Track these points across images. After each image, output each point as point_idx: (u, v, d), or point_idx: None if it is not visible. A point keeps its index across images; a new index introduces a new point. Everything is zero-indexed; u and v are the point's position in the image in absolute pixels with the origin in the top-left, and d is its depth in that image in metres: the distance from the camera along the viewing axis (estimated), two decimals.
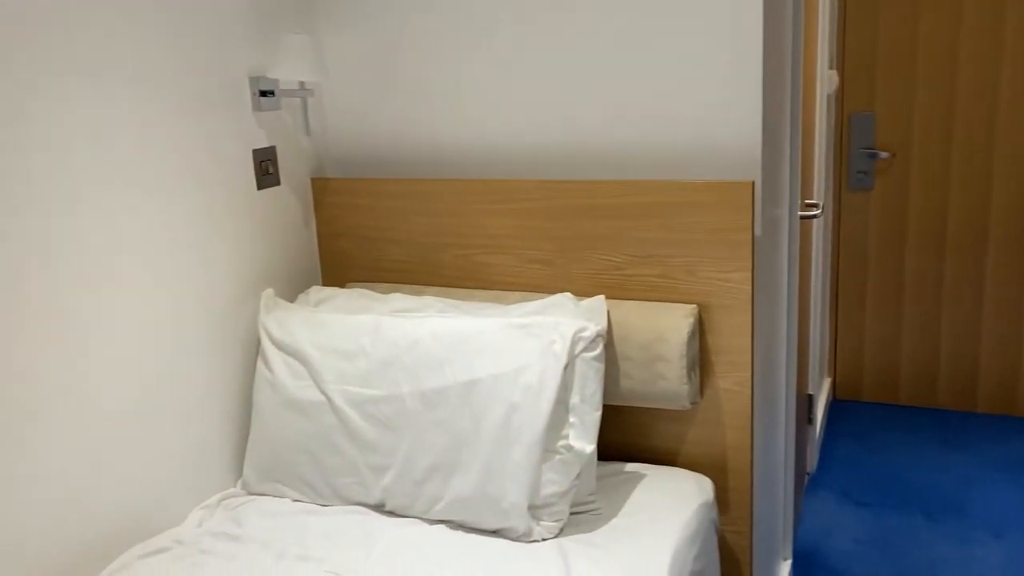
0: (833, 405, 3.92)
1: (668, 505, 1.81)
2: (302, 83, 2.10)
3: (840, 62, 3.61)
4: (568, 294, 1.94)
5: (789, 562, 2.59)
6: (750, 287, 1.89)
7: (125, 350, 1.73)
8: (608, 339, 1.89)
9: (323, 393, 1.89)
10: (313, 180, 2.25)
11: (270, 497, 1.94)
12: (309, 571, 1.64)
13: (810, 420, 3.24)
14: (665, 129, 1.96)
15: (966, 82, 3.46)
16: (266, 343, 1.99)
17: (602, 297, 1.93)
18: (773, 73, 2.01)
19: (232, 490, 1.97)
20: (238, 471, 2.01)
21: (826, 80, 3.14)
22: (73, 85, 1.61)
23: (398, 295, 2.07)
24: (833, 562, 2.77)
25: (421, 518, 1.81)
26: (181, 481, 1.87)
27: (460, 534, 1.76)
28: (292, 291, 2.18)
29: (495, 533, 1.75)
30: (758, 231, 1.94)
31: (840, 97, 3.65)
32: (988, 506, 3.05)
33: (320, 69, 2.00)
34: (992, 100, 3.44)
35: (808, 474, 3.30)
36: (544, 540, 1.72)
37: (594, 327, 1.79)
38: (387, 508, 1.85)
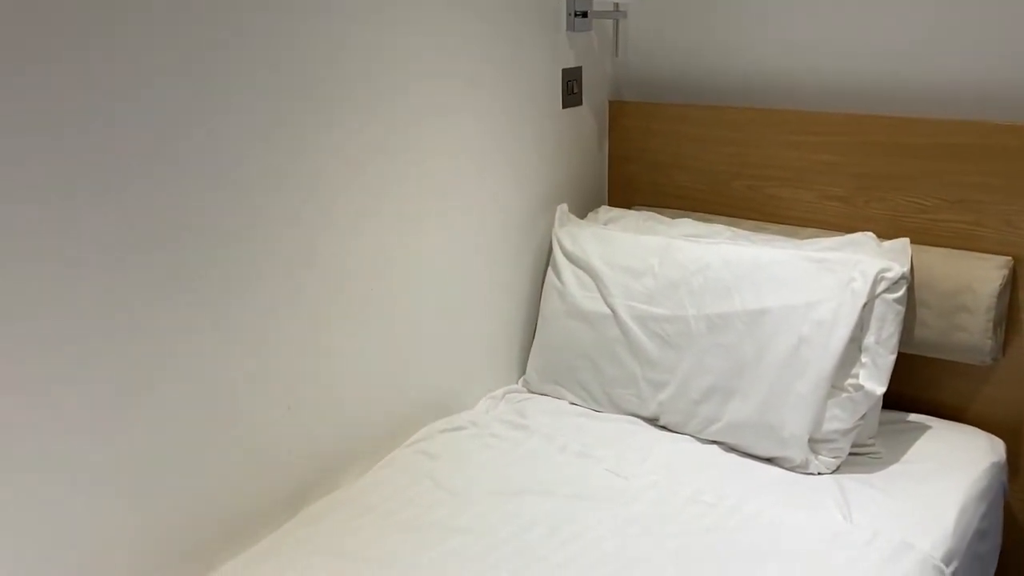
0: None
1: (956, 459, 1.75)
2: (616, 4, 2.15)
3: None
4: (870, 233, 1.89)
5: None
6: None
7: (438, 253, 1.90)
8: (909, 284, 1.83)
9: (609, 306, 1.98)
10: (610, 102, 2.31)
11: (549, 397, 2.07)
12: (588, 466, 1.74)
13: None
14: (995, 64, 1.83)
15: None
16: (558, 254, 2.10)
17: (906, 240, 1.85)
18: None
19: (515, 386, 2.13)
20: (521, 370, 2.16)
21: None
22: (396, 9, 1.73)
23: (687, 220, 2.10)
24: None
25: (694, 436, 1.87)
26: (475, 372, 2.05)
27: (734, 456, 1.80)
28: (581, 209, 2.28)
29: (770, 461, 1.77)
30: None
31: None
32: None
33: None
34: None
35: None
36: (820, 474, 1.72)
37: (899, 267, 1.74)
38: (660, 423, 1.92)
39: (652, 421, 1.94)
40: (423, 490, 1.66)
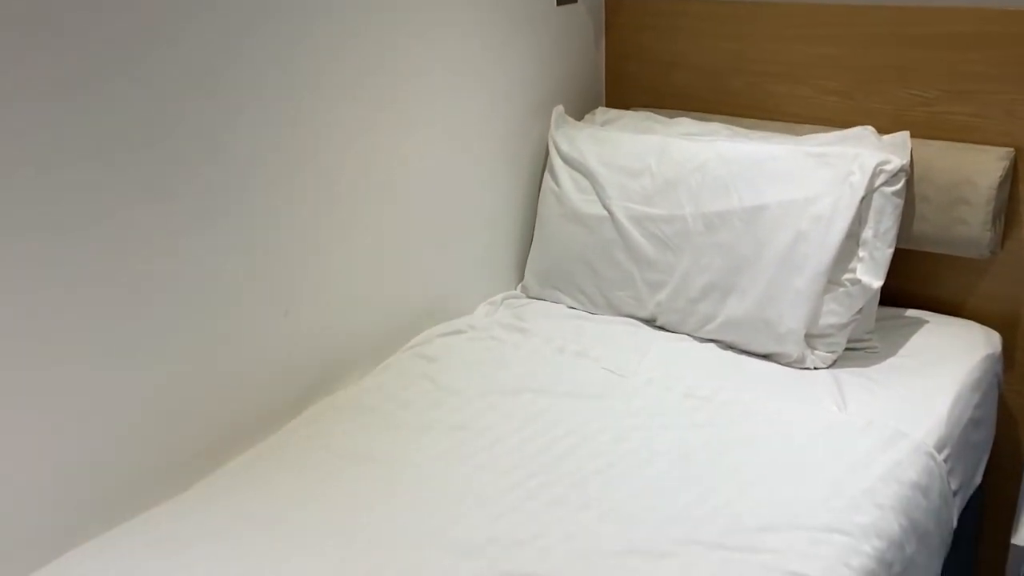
0: None
1: (951, 350, 1.76)
2: None
3: None
4: (869, 127, 1.86)
5: None
6: None
7: (430, 159, 1.87)
8: (908, 177, 1.81)
9: (606, 208, 1.97)
10: (605, 1, 2.25)
11: (547, 302, 2.07)
12: (587, 366, 1.76)
13: None
14: None
15: None
16: (554, 157, 2.07)
17: (906, 133, 1.82)
18: None
19: (513, 292, 2.13)
20: (520, 275, 2.16)
21: None
22: None
23: (684, 119, 2.07)
24: None
25: (691, 335, 1.88)
26: (473, 278, 2.05)
27: (731, 354, 1.81)
28: (578, 111, 2.24)
29: (766, 357, 1.78)
30: None
31: None
32: None
33: None
34: None
35: None
36: (817, 369, 1.73)
37: (898, 160, 1.72)
38: (658, 323, 1.93)
39: (650, 322, 1.95)
40: (422, 391, 1.68)
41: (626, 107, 2.28)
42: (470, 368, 1.75)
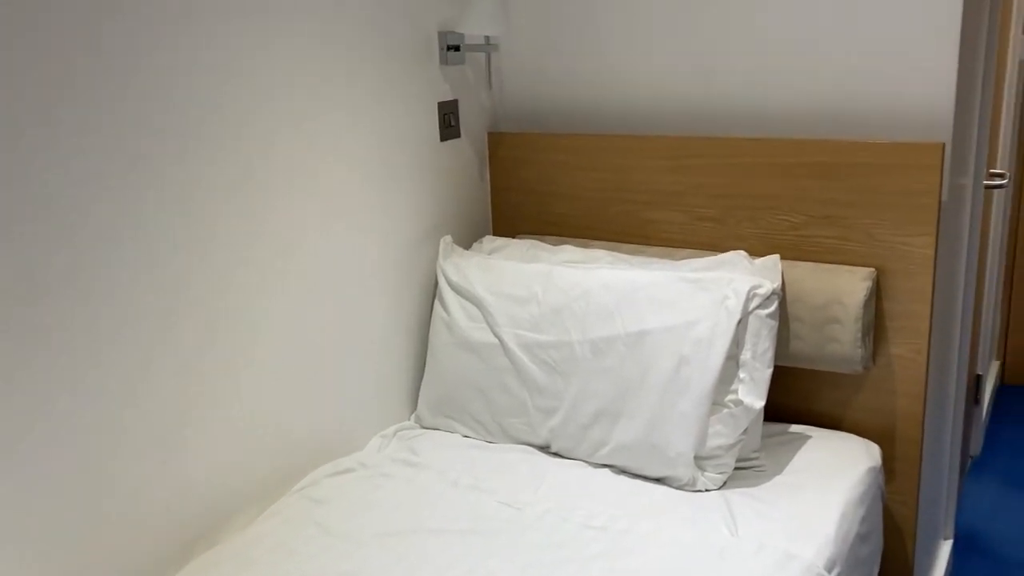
0: (1000, 390, 3.73)
1: (835, 466, 1.81)
2: (487, 38, 2.17)
3: None
4: (742, 252, 1.95)
5: (950, 542, 2.52)
6: (932, 252, 1.84)
7: (316, 291, 1.86)
8: (781, 299, 1.89)
9: (496, 336, 1.98)
10: (489, 134, 2.32)
11: (442, 431, 2.05)
12: (482, 500, 1.73)
13: (977, 401, 3.11)
14: (851, 87, 1.92)
15: None
16: (444, 286, 2.09)
17: (777, 256, 1.92)
18: (969, 34, 1.93)
19: (407, 423, 2.10)
20: (412, 405, 2.13)
21: (1019, 45, 2.97)
22: (269, 34, 1.71)
23: (568, 247, 2.13)
24: (996, 546, 2.67)
25: (586, 461, 1.88)
26: (363, 411, 2.01)
27: (624, 479, 1.81)
28: (466, 239, 2.28)
29: (659, 480, 1.79)
30: (944, 196, 1.88)
31: None
32: None
33: (504, 24, 2.07)
34: None
35: (972, 457, 3.17)
36: (708, 491, 1.75)
37: (769, 284, 1.79)
38: (552, 449, 1.92)
39: (544, 448, 1.94)
40: (309, 537, 1.61)
41: (513, 235, 2.33)
42: (360, 509, 1.69)
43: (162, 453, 1.57)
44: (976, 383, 3.07)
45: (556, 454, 1.92)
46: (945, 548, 2.47)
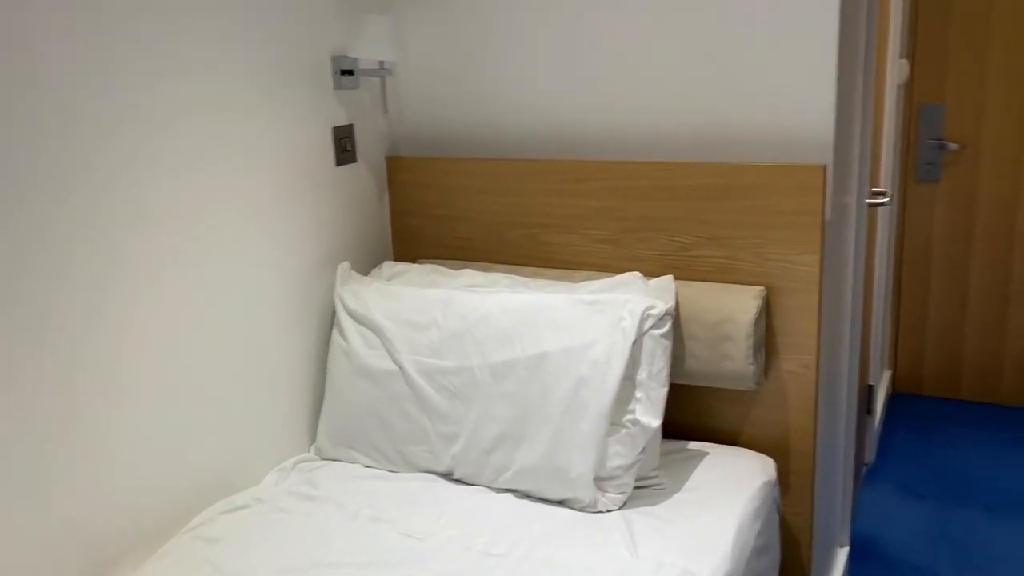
0: (892, 398, 3.89)
1: (732, 482, 1.84)
2: (381, 63, 2.16)
3: (911, 52, 3.57)
4: (637, 273, 1.98)
5: (846, 549, 2.60)
6: (818, 270, 1.90)
7: (209, 322, 1.81)
8: (675, 319, 1.92)
9: (395, 363, 1.96)
10: (387, 158, 2.31)
11: (342, 462, 2.01)
12: (382, 531, 1.70)
13: (869, 411, 3.23)
14: (736, 112, 1.98)
15: None
16: (341, 313, 2.06)
17: (671, 277, 1.96)
18: (847, 59, 2.01)
19: (306, 455, 2.05)
20: (312, 436, 2.09)
21: (896, 69, 3.12)
22: (162, 62, 1.68)
23: (468, 271, 2.12)
24: (891, 552, 2.77)
25: (488, 487, 1.87)
26: (259, 444, 1.95)
27: (527, 503, 1.81)
28: (365, 265, 2.25)
29: (560, 503, 1.79)
30: (827, 215, 1.95)
31: (910, 87, 3.61)
32: None
33: (398, 49, 2.06)
34: None
35: (866, 465, 3.29)
36: (609, 511, 1.76)
37: (663, 305, 1.82)
38: (455, 476, 1.91)
39: (447, 476, 1.92)
40: None
41: (413, 260, 2.32)
42: (256, 547, 1.64)
43: (40, 493, 1.49)
44: (868, 393, 3.19)
45: (459, 481, 1.91)
46: (842, 555, 2.55)
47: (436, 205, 2.27)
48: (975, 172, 3.59)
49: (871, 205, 2.60)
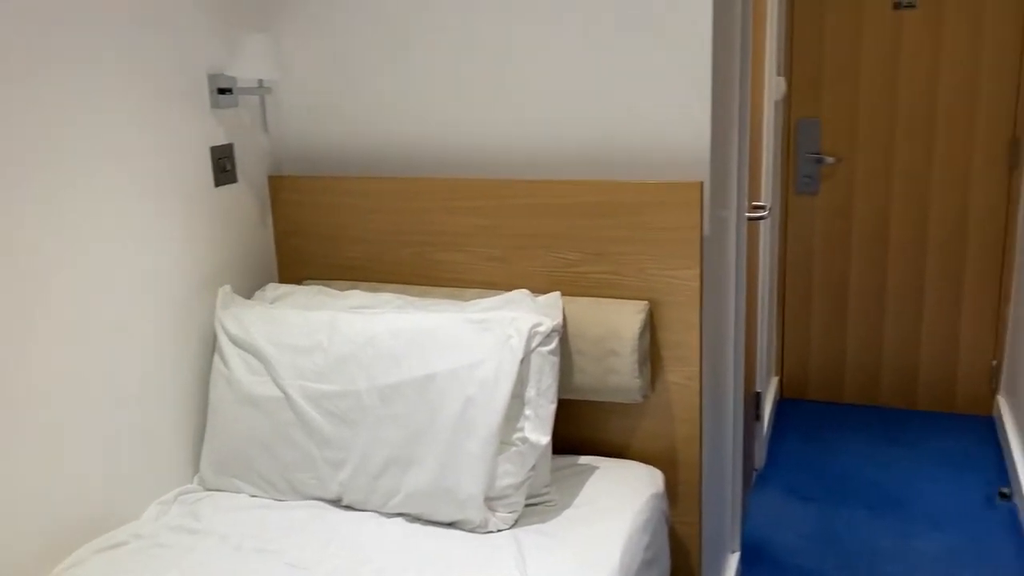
0: (780, 404, 4.02)
1: (620, 495, 1.86)
2: (260, 81, 2.12)
3: (788, 69, 3.72)
4: (525, 290, 1.99)
5: (737, 555, 2.67)
6: (698, 284, 1.95)
7: (81, 347, 1.73)
8: (562, 334, 1.94)
9: (280, 389, 1.91)
10: (270, 178, 2.26)
11: (227, 493, 1.94)
12: (267, 563, 1.65)
13: (757, 417, 3.33)
14: (618, 131, 2.02)
15: (907, 90, 3.59)
16: (222, 339, 1.99)
17: (558, 293, 1.97)
18: (722, 78, 2.08)
19: (189, 486, 1.98)
20: (195, 466, 2.01)
21: (774, 86, 3.24)
22: (33, 78, 1.60)
23: (355, 292, 2.09)
24: (779, 555, 2.85)
25: (378, 512, 1.84)
26: (138, 476, 1.87)
27: (417, 527, 1.79)
28: (249, 288, 2.19)
29: (451, 525, 1.78)
30: (706, 230, 2.00)
31: (788, 103, 3.76)
32: (928, 500, 3.16)
33: (278, 67, 2.02)
34: (931, 108, 3.58)
35: (756, 470, 3.39)
36: (500, 531, 1.75)
37: (550, 322, 1.84)
38: (344, 502, 1.87)
39: (336, 502, 1.88)
40: None
41: (299, 282, 2.27)
42: None
43: None
44: (756, 400, 3.29)
45: (348, 507, 1.87)
46: (733, 561, 2.61)
47: (322, 225, 2.23)
48: (851, 184, 3.76)
49: (751, 219, 2.69)
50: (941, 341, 3.79)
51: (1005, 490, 3.17)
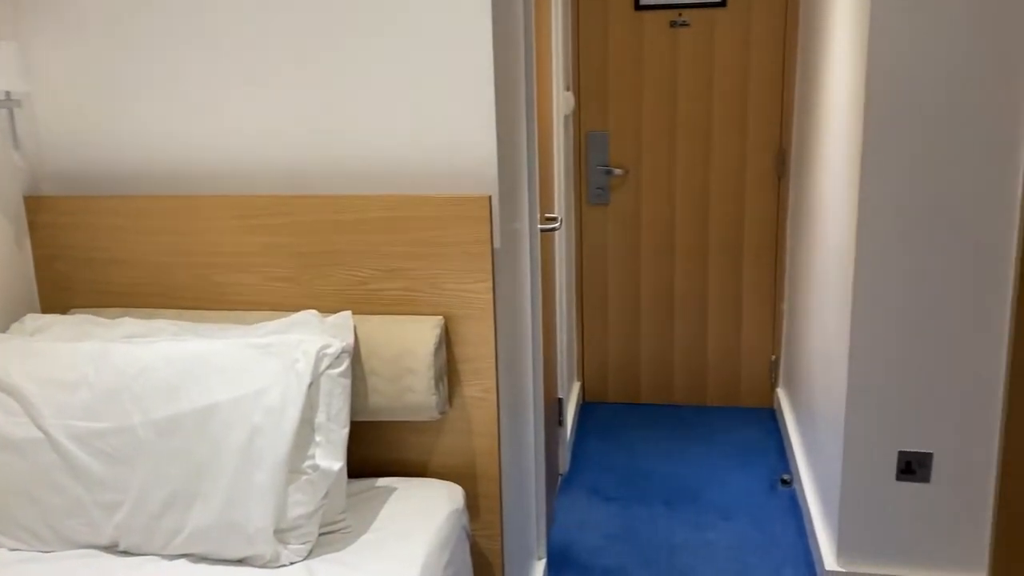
0: (583, 407, 4.14)
1: (417, 515, 1.83)
2: (8, 93, 1.92)
3: (576, 84, 3.84)
4: (313, 311, 1.92)
5: (544, 561, 2.70)
6: (491, 297, 1.95)
7: None
8: (355, 355, 1.88)
9: (40, 429, 1.74)
10: (26, 198, 2.06)
11: None
12: None
13: (560, 423, 3.40)
14: (408, 145, 1.99)
15: (685, 104, 3.80)
16: None
17: (348, 313, 1.91)
18: (506, 93, 2.10)
19: None
20: None
21: (563, 101, 3.33)
22: None
23: (128, 320, 1.94)
24: (584, 558, 2.92)
25: (160, 555, 1.71)
26: None
27: (203, 567, 1.68)
28: (5, 320, 1.99)
29: (241, 562, 1.68)
30: (497, 243, 2.01)
31: (577, 117, 3.88)
32: (719, 491, 3.35)
33: (26, 78, 1.84)
34: (707, 122, 3.81)
35: (561, 475, 3.46)
36: (292, 564, 1.67)
37: (339, 343, 1.78)
38: (121, 548, 1.73)
39: (111, 548, 1.74)
40: None
41: (64, 311, 2.08)
42: None
43: None
44: (559, 406, 3.36)
45: (125, 552, 1.73)
46: (539, 568, 2.64)
47: (89, 248, 2.06)
48: (638, 195, 3.93)
49: (544, 230, 2.74)
50: (725, 340, 4.03)
51: (786, 476, 3.41)
